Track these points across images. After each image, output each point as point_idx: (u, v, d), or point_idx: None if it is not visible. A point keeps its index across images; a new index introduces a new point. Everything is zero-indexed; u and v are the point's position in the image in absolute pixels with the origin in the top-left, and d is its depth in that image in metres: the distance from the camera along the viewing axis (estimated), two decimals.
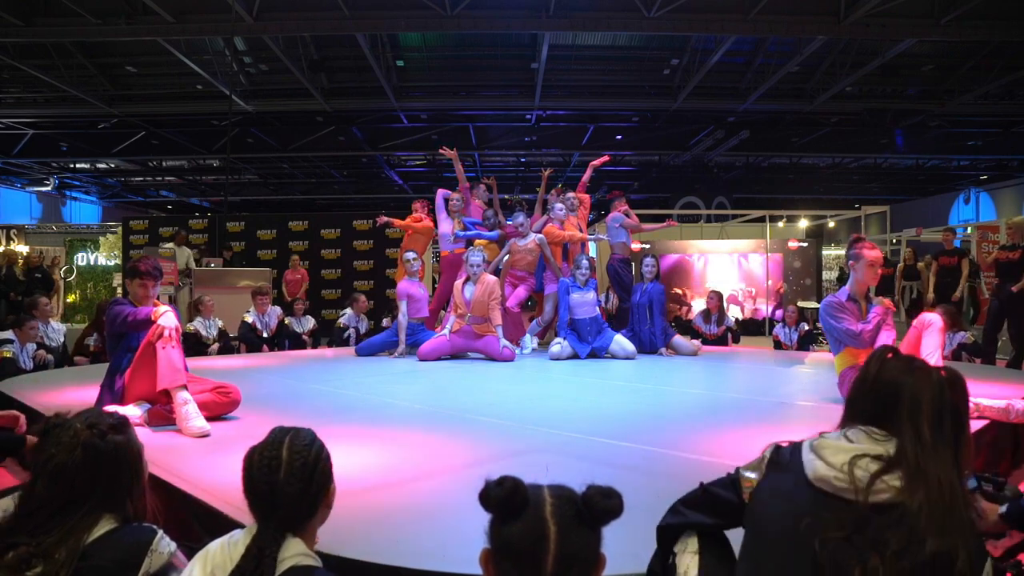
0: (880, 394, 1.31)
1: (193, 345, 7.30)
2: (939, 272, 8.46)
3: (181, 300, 9.33)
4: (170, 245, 10.24)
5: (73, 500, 1.46)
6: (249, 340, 7.94)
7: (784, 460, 1.32)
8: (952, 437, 1.25)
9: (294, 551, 1.36)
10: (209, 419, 3.33)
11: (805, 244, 13.57)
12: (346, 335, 8.37)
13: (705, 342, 7.74)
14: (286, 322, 8.52)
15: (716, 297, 8.92)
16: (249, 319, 8.11)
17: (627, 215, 7.52)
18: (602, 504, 1.08)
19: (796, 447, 1.33)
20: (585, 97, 13.58)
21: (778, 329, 8.86)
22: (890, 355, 1.36)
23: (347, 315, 8.60)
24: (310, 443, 1.49)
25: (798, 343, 8.37)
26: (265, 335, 8.09)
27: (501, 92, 13.45)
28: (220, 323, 8.01)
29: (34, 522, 1.43)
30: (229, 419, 3.59)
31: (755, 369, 6.15)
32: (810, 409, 3.98)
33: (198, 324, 7.83)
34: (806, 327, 8.59)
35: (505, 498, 1.07)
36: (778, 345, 8.63)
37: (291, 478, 1.40)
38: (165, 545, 1.49)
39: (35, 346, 6.23)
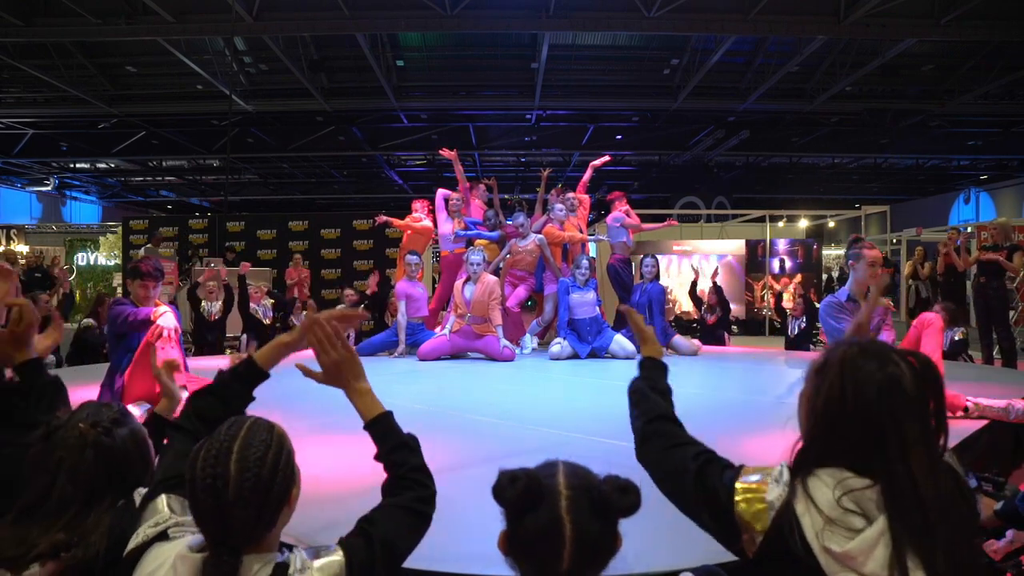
0: (861, 420, 1.11)
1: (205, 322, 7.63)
2: (945, 271, 8.46)
3: (181, 300, 9.34)
4: (150, 245, 10.26)
5: (94, 494, 1.47)
6: (252, 320, 8.21)
7: (790, 534, 1.11)
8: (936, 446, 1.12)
9: (254, 569, 1.18)
10: None
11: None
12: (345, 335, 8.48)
13: (702, 326, 7.72)
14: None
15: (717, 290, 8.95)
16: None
17: (627, 215, 7.53)
18: (619, 502, 1.09)
19: (791, 516, 1.12)
20: (585, 97, 13.57)
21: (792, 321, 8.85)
22: (857, 351, 1.18)
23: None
24: (264, 451, 1.21)
25: (796, 336, 8.33)
26: (266, 322, 8.30)
27: (501, 92, 13.45)
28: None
29: (68, 513, 1.43)
30: None
31: (755, 369, 6.14)
32: None
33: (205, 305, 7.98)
34: (803, 324, 8.50)
35: (518, 497, 1.09)
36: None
37: (241, 501, 1.16)
38: None
39: None
